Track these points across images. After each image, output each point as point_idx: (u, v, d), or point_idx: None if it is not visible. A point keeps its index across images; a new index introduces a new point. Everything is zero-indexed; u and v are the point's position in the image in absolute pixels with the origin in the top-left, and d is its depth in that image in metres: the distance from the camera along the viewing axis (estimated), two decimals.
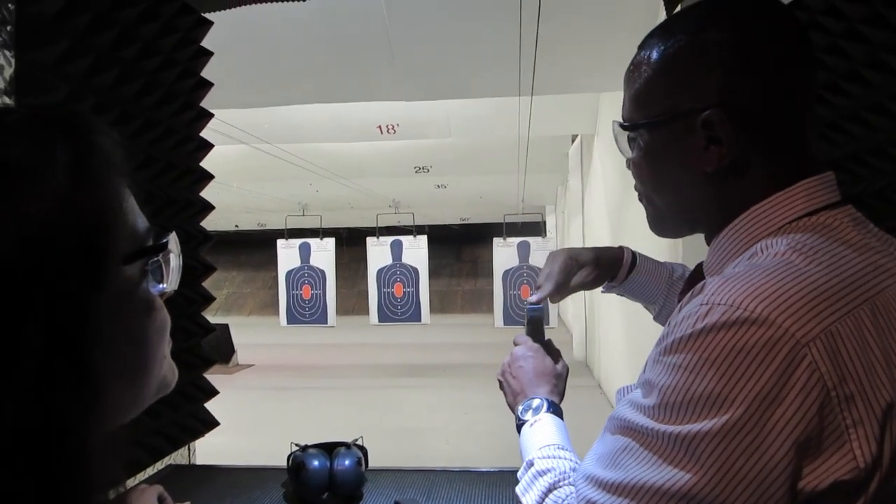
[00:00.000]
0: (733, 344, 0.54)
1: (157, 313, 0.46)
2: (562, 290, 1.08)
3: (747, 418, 0.53)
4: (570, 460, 0.79)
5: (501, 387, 1.02)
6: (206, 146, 1.81)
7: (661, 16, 2.26)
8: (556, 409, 0.91)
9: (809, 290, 0.55)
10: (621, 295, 1.14)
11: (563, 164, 9.49)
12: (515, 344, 1.05)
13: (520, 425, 0.92)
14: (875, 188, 1.12)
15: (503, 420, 0.83)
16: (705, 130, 0.66)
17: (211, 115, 1.80)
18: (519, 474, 0.82)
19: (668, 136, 0.70)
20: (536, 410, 0.91)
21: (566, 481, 0.73)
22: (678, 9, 1.96)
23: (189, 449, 1.85)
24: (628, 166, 0.77)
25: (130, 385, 0.44)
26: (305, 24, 3.35)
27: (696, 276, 0.74)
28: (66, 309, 0.35)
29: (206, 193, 1.84)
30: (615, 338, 5.88)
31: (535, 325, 1.07)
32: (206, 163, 1.83)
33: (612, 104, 5.64)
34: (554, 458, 0.79)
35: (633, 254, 1.10)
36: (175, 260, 0.47)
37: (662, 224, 0.77)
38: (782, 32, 0.66)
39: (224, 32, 1.82)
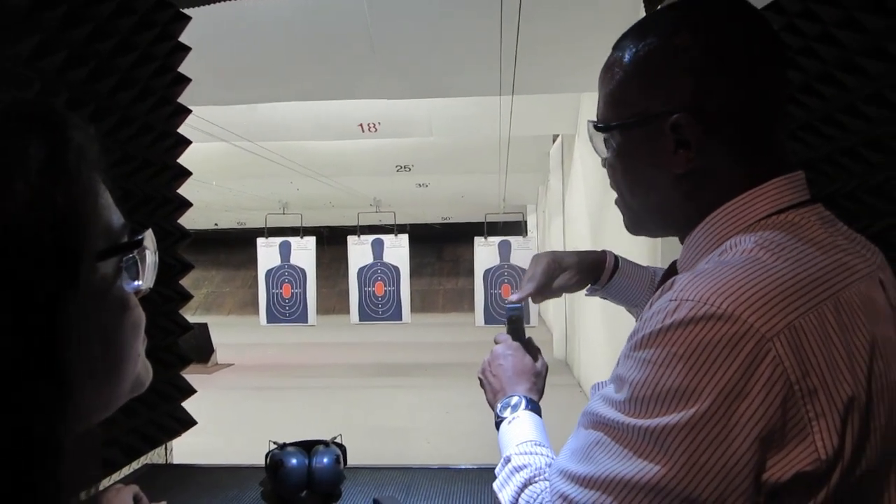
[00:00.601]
0: (700, 339, 0.55)
1: (132, 311, 0.45)
2: (543, 291, 1.09)
3: (713, 411, 0.54)
4: (547, 456, 0.80)
5: (482, 384, 1.03)
6: (184, 142, 1.79)
7: (642, 14, 2.28)
8: (534, 407, 0.93)
9: (774, 286, 0.56)
10: (604, 298, 1.15)
11: (544, 164, 9.53)
12: (496, 342, 1.06)
13: (498, 422, 0.93)
14: (847, 189, 1.14)
15: (484, 419, 0.84)
16: (674, 133, 0.67)
17: (188, 112, 1.78)
18: (497, 470, 0.83)
19: (640, 138, 0.71)
20: (515, 408, 0.92)
21: (541, 476, 0.74)
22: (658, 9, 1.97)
23: (166, 448, 1.84)
24: (604, 165, 0.79)
25: (104, 384, 0.43)
26: (286, 21, 3.33)
27: (670, 273, 0.75)
28: (37, 307, 0.35)
29: (185, 191, 1.83)
30: (595, 336, 5.92)
31: (516, 324, 1.08)
32: (185, 160, 1.81)
33: (592, 104, 5.65)
34: (531, 454, 0.80)
35: (616, 258, 1.12)
36: (151, 257, 0.46)
37: (637, 224, 0.78)
38: (754, 35, 0.67)
39: (203, 28, 1.80)
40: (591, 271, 1.10)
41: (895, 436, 0.59)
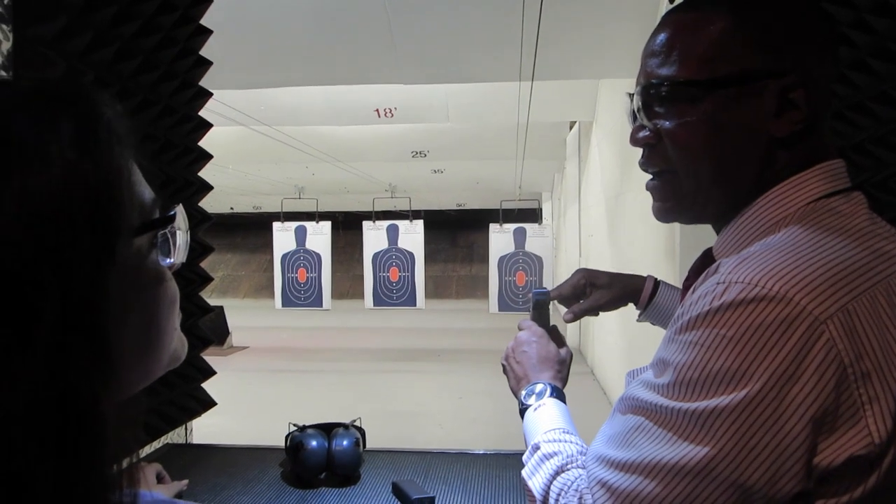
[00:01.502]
0: (752, 321, 0.54)
1: (168, 285, 0.46)
2: (567, 302, 1.11)
3: (765, 394, 0.53)
4: (577, 444, 0.78)
5: (505, 371, 1.02)
6: (205, 125, 1.80)
7: (665, 3, 2.25)
8: (559, 395, 0.91)
9: (826, 269, 0.56)
10: (653, 323, 1.12)
11: (560, 151, 9.47)
12: (519, 328, 1.05)
13: (523, 410, 0.91)
14: (878, 178, 1.12)
15: (497, 405, 0.83)
16: (778, 96, 0.65)
17: (210, 95, 1.79)
18: (524, 458, 0.82)
19: (734, 98, 0.66)
20: (540, 395, 0.91)
21: (574, 464, 0.73)
22: None
23: (186, 428, 1.86)
24: (649, 140, 0.72)
25: (143, 356, 0.44)
26: (305, 6, 3.32)
27: (705, 261, 0.73)
28: (77, 282, 0.35)
29: (203, 175, 1.83)
30: (609, 325, 5.91)
31: (541, 310, 1.07)
32: (203, 144, 1.82)
33: (611, 91, 5.62)
34: (560, 441, 0.79)
35: (656, 283, 1.10)
36: (182, 234, 0.47)
37: (677, 205, 0.73)
38: (827, 15, 0.69)
39: (223, 11, 1.80)
40: (626, 295, 1.10)
41: None
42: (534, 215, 9.69)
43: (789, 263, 0.56)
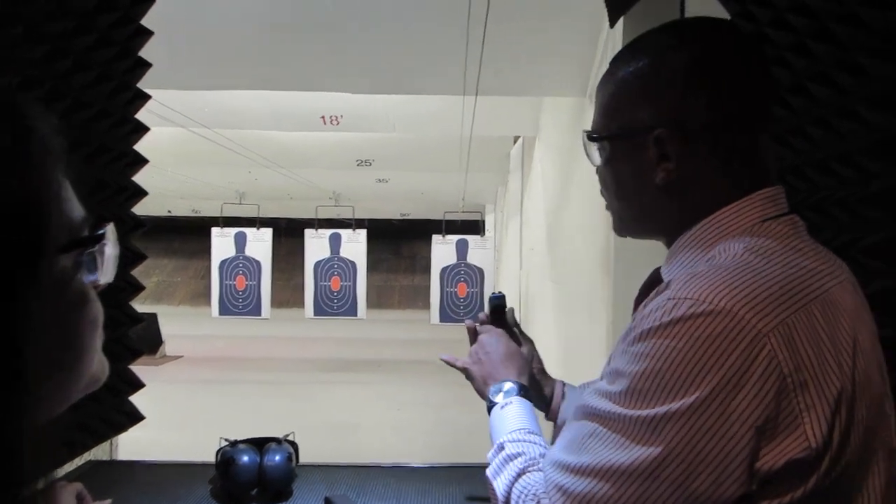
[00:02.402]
0: (700, 333, 0.58)
1: (91, 305, 0.44)
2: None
3: (710, 401, 0.57)
4: (540, 445, 0.82)
5: (469, 376, 1.05)
6: (142, 129, 1.75)
7: (606, 27, 2.32)
8: (526, 393, 0.95)
9: (768, 286, 0.60)
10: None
11: (503, 165, 9.59)
12: (479, 333, 1.09)
13: (490, 407, 0.95)
14: (812, 200, 1.17)
15: (438, 416, 0.84)
16: (657, 147, 0.71)
17: (148, 97, 1.74)
18: (489, 456, 0.84)
19: (627, 149, 0.75)
20: (508, 393, 0.94)
21: (535, 466, 0.76)
22: (620, 20, 2.01)
23: (111, 444, 1.79)
24: (598, 173, 0.83)
25: (61, 379, 0.43)
26: (251, 9, 3.27)
27: (654, 280, 0.78)
28: None
29: (138, 177, 1.78)
30: (548, 341, 6.00)
31: (497, 313, 1.11)
32: (140, 146, 1.77)
33: (554, 108, 5.73)
34: (524, 442, 0.82)
35: (563, 392, 1.10)
36: (111, 251, 0.46)
37: (624, 228, 0.82)
38: (736, 54, 0.72)
39: (166, 11, 1.75)
40: (540, 383, 1.10)
41: (875, 428, 0.63)
42: (476, 227, 9.78)
43: (734, 281, 0.60)
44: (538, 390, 1.08)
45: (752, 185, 0.71)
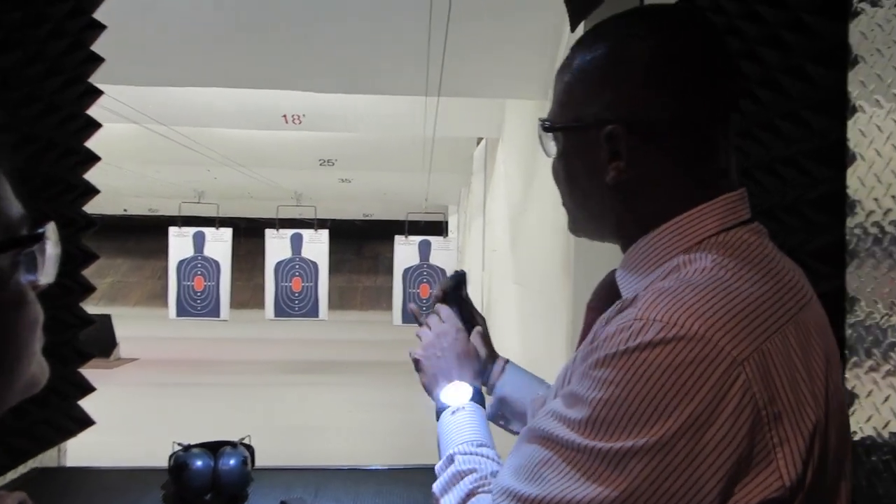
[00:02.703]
0: (670, 361, 0.53)
1: (29, 308, 0.43)
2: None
3: (680, 436, 0.52)
4: (492, 460, 0.76)
5: (418, 366, 0.96)
6: (93, 125, 1.70)
7: (567, 30, 2.35)
8: (480, 398, 0.89)
9: (742, 306, 0.55)
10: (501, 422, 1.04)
11: (467, 166, 9.62)
12: (438, 314, 1.00)
13: (440, 410, 0.88)
14: (788, 201, 1.19)
15: (399, 418, 0.79)
16: (608, 144, 0.66)
17: (100, 93, 1.70)
18: (437, 468, 0.78)
19: (579, 144, 0.70)
20: (461, 397, 0.87)
21: (485, 487, 0.70)
22: (581, 24, 2.04)
23: (59, 450, 1.73)
24: (552, 166, 0.77)
25: None
26: (210, 5, 3.22)
27: (609, 284, 0.73)
28: None
29: (93, 174, 1.74)
30: (510, 341, 6.04)
31: (457, 290, 1.02)
32: (93, 141, 1.72)
33: (517, 111, 5.78)
34: (476, 455, 0.76)
35: (505, 367, 1.03)
36: (52, 250, 0.44)
37: (578, 228, 0.77)
38: (702, 46, 0.66)
39: (122, 4, 1.71)
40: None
41: (844, 453, 0.60)
42: (440, 228, 9.79)
43: (706, 301, 0.55)
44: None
45: (712, 190, 0.65)
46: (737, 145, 0.69)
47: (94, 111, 1.72)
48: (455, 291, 1.02)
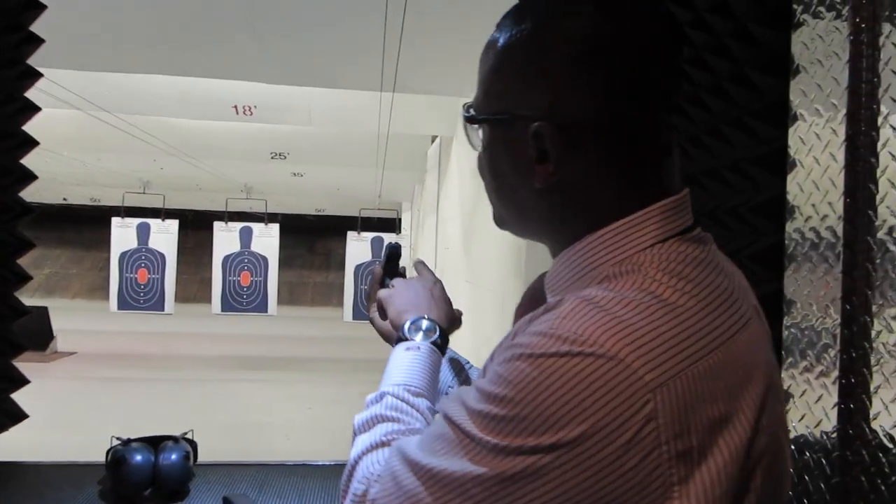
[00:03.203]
0: (573, 374, 0.49)
1: None
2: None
3: (564, 451, 0.48)
4: (421, 414, 0.73)
5: (383, 304, 0.90)
6: (32, 108, 1.64)
7: None
8: (443, 342, 0.83)
9: (665, 329, 0.51)
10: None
11: (421, 163, 9.61)
12: (383, 286, 0.96)
13: (399, 339, 0.82)
14: (730, 205, 1.23)
15: (347, 415, 0.77)
16: (535, 143, 0.58)
17: (39, 75, 1.63)
18: (368, 399, 0.75)
19: (505, 138, 0.62)
20: (425, 334, 0.82)
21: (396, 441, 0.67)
22: None
23: None
24: (477, 158, 0.69)
25: None
26: None
27: (538, 288, 0.69)
28: None
29: (30, 160, 1.66)
30: (461, 340, 6.05)
31: (393, 262, 1.00)
32: (31, 126, 1.65)
33: None
34: (406, 404, 0.72)
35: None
36: None
37: (503, 224, 0.70)
38: (647, 30, 0.58)
39: None
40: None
41: (779, 491, 0.57)
42: (393, 225, 9.75)
43: (629, 319, 0.51)
44: None
45: (650, 195, 0.58)
46: (685, 151, 0.65)
47: (34, 95, 1.65)
48: (391, 264, 1.00)
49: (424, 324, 0.83)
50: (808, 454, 0.91)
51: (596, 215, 0.59)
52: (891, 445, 0.79)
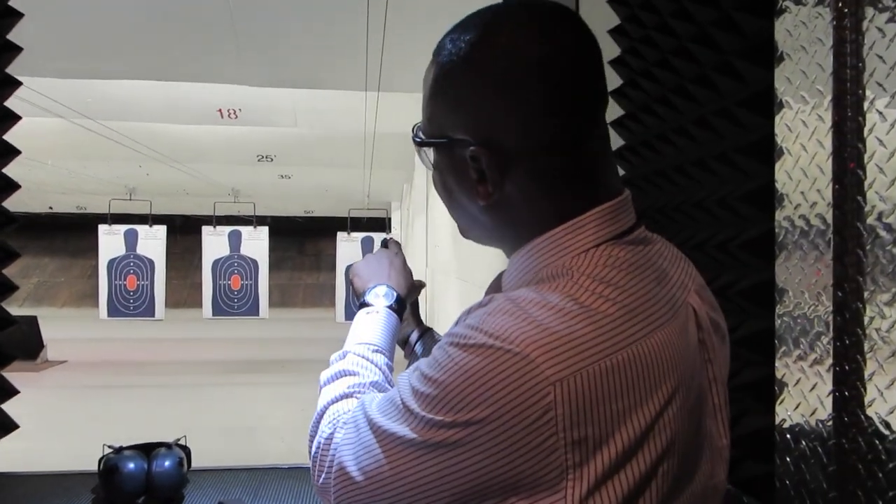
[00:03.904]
0: (485, 364, 0.55)
1: None
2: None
3: (477, 429, 0.54)
4: (380, 369, 0.82)
5: (351, 273, 1.02)
6: (12, 117, 1.61)
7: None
8: (399, 307, 0.94)
9: (572, 330, 0.55)
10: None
11: (409, 162, 9.60)
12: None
13: (361, 305, 0.94)
14: (695, 198, 1.23)
15: None
16: (474, 165, 0.62)
17: (18, 83, 1.61)
18: (332, 358, 0.84)
19: (449, 161, 0.66)
20: (385, 299, 0.93)
21: (360, 395, 0.76)
22: None
23: None
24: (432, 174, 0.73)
25: None
26: None
27: (499, 286, 0.73)
28: None
29: (14, 169, 1.64)
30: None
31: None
32: (14, 135, 1.63)
33: None
34: (367, 360, 0.82)
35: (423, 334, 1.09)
36: None
37: (464, 234, 0.75)
38: (573, 50, 0.61)
39: None
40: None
41: (682, 485, 0.60)
42: (382, 224, 9.73)
43: (542, 320, 0.56)
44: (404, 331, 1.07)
45: (588, 201, 0.62)
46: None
47: (15, 104, 1.63)
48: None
49: (383, 290, 0.94)
50: (803, 443, 0.91)
51: (538, 226, 0.64)
52: (887, 432, 0.79)
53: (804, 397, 0.92)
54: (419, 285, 1.04)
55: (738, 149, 1.11)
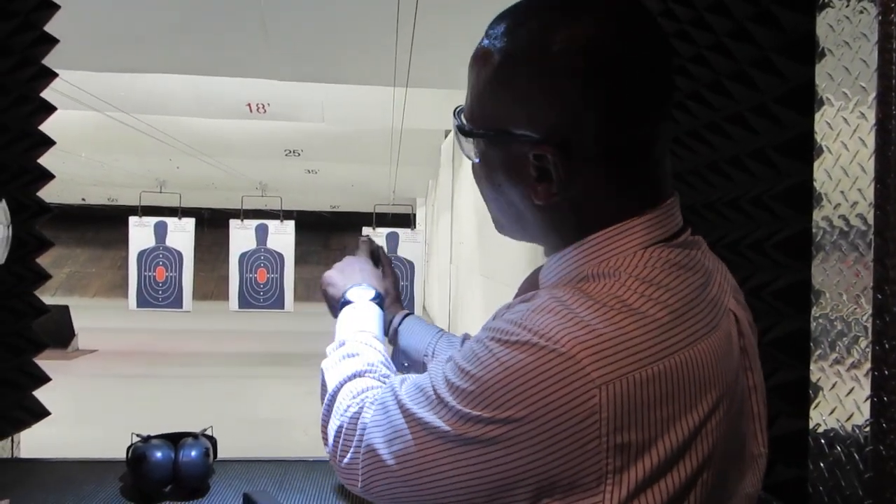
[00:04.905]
0: (529, 363, 0.53)
1: None
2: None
3: (515, 427, 0.53)
4: (380, 353, 0.83)
5: (325, 282, 1.06)
6: (47, 108, 1.64)
7: None
8: (380, 302, 0.98)
9: (620, 333, 0.54)
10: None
11: (435, 158, 9.60)
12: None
13: (343, 304, 0.97)
14: (728, 197, 1.21)
15: None
16: (537, 163, 0.59)
17: (54, 75, 1.64)
18: (328, 348, 0.85)
19: (503, 155, 0.63)
20: (364, 297, 0.97)
21: (372, 373, 0.77)
22: None
23: (12, 441, 1.68)
24: (472, 166, 0.70)
25: None
26: None
27: (535, 281, 0.71)
28: None
29: (49, 161, 1.67)
30: (476, 331, 6.05)
31: (367, 251, 1.16)
32: (49, 128, 1.66)
33: None
34: (367, 345, 0.83)
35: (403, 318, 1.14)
36: (2, 231, 0.41)
37: (502, 231, 0.73)
38: (647, 42, 0.59)
39: None
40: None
41: (730, 491, 0.60)
42: (407, 220, 9.75)
43: (590, 320, 0.54)
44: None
45: (642, 203, 0.61)
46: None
47: (51, 97, 1.66)
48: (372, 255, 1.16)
49: (362, 288, 1.00)
50: (838, 448, 0.89)
51: (590, 228, 0.62)
52: None
53: (840, 402, 0.89)
54: (390, 269, 1.11)
55: (774, 146, 1.08)
